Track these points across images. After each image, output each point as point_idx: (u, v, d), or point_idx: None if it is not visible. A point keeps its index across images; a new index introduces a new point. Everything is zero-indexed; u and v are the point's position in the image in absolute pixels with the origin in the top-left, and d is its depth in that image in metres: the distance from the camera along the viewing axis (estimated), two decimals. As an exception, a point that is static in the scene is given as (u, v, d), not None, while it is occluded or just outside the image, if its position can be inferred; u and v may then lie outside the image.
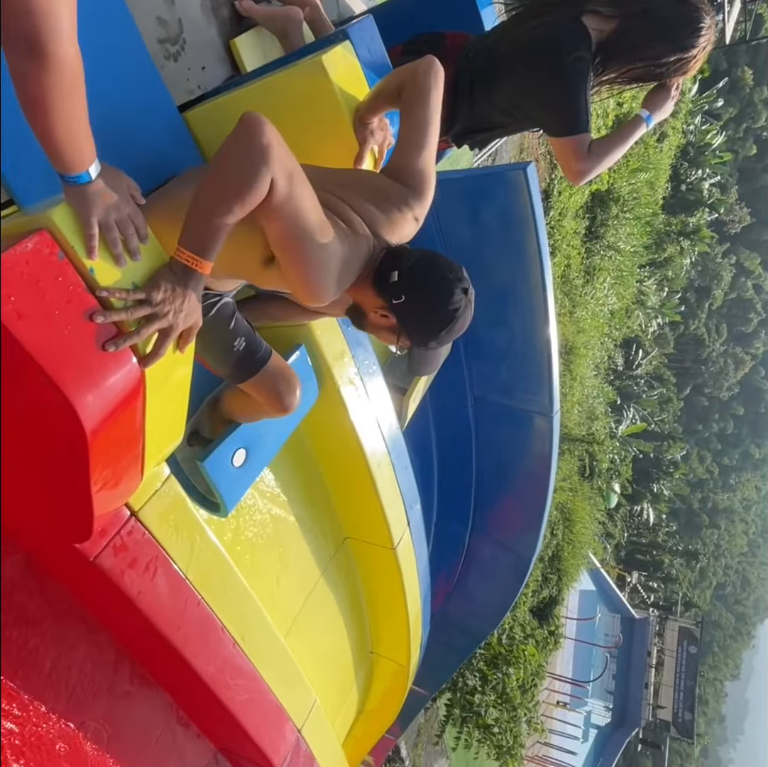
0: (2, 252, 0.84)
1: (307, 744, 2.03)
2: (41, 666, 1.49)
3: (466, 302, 1.26)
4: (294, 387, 1.58)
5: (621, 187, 13.63)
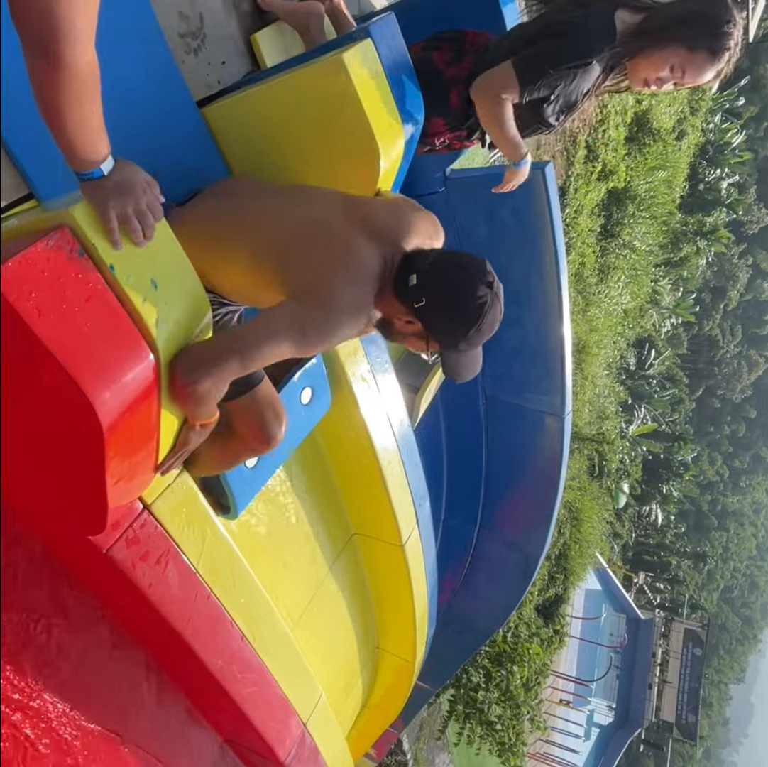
0: (25, 249, 0.85)
1: (312, 737, 2.04)
2: (53, 656, 1.51)
3: (493, 296, 1.20)
4: (281, 419, 1.47)
5: (638, 185, 13.49)
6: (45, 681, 1.51)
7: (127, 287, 0.95)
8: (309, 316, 1.15)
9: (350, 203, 1.34)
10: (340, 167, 1.58)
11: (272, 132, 1.65)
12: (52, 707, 1.53)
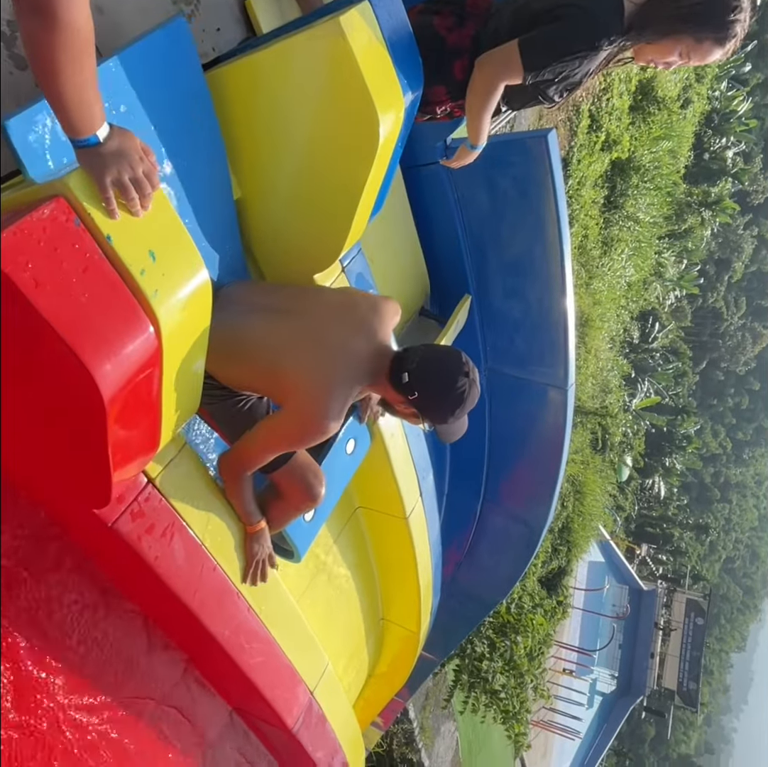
0: (20, 219, 0.84)
1: (319, 705, 2.07)
2: (62, 630, 1.53)
3: (470, 383, 1.49)
4: (321, 479, 1.70)
5: (642, 155, 13.29)
6: (57, 656, 1.54)
7: (124, 257, 0.94)
8: (305, 424, 1.47)
9: (339, 307, 1.61)
10: (340, 136, 1.56)
11: (270, 101, 1.62)
12: (62, 682, 1.56)
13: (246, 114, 1.67)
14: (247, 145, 1.73)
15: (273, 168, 1.73)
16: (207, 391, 1.57)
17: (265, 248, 1.89)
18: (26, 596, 1.44)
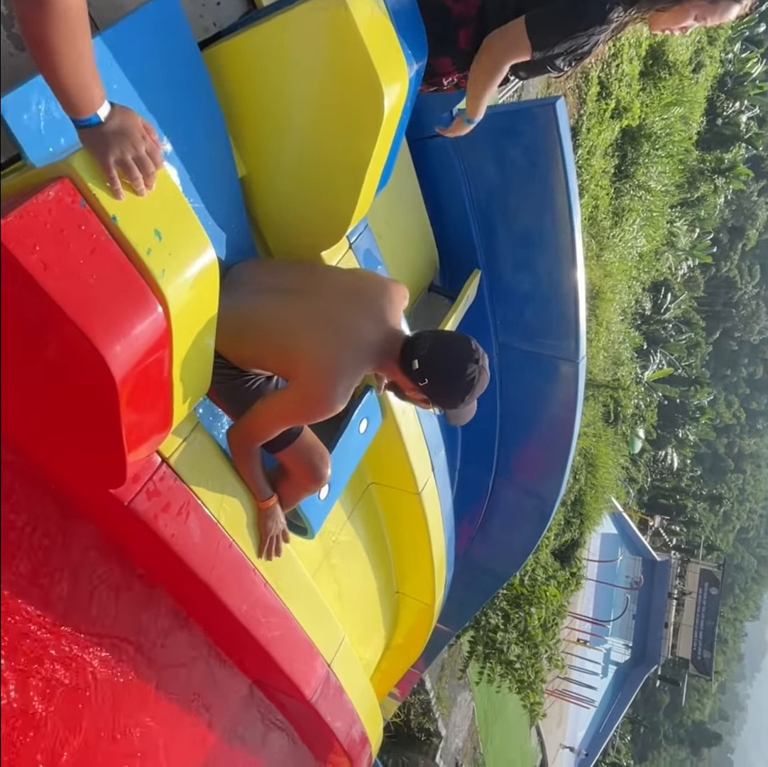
0: (26, 201, 0.84)
1: (336, 677, 2.11)
2: (80, 607, 1.56)
3: (479, 369, 1.50)
4: (327, 460, 1.71)
5: (653, 122, 13.01)
6: (81, 633, 1.57)
7: (131, 237, 0.93)
8: (310, 401, 1.48)
9: (349, 289, 1.61)
10: (344, 109, 1.54)
11: (271, 75, 1.59)
12: (84, 657, 1.59)
13: (249, 89, 1.65)
14: (251, 121, 1.71)
15: (277, 144, 1.71)
16: (216, 370, 1.58)
17: (272, 226, 1.88)
18: (44, 577, 1.47)
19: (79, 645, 1.58)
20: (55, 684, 1.52)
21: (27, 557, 1.43)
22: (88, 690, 1.61)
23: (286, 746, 2.50)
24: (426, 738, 8.77)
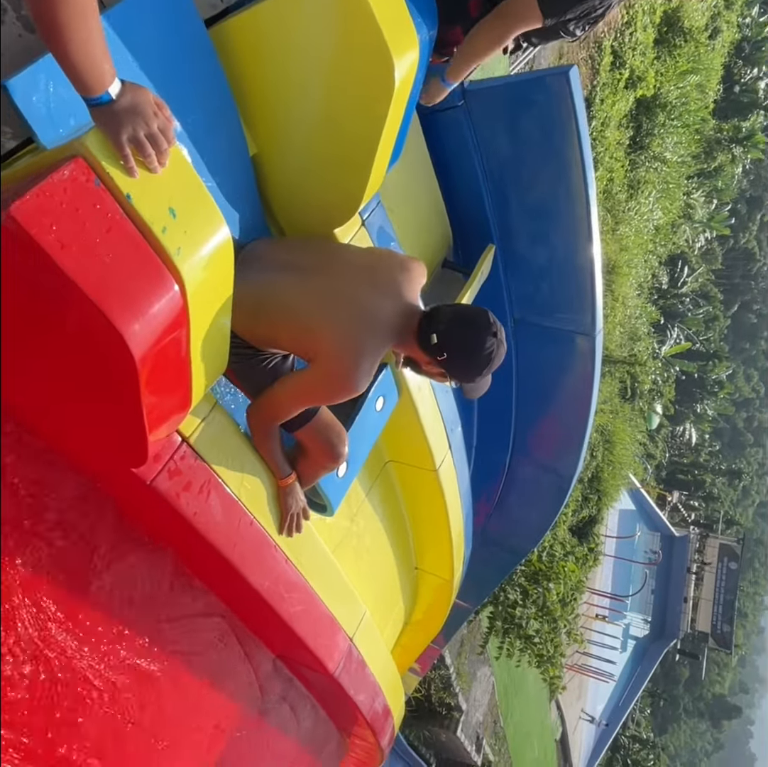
0: (41, 181, 0.84)
1: (358, 651, 2.14)
2: (107, 586, 1.59)
3: (498, 343, 1.51)
4: (344, 438, 1.71)
5: (668, 91, 12.73)
6: (106, 613, 1.60)
7: (145, 216, 0.94)
8: (334, 382, 1.49)
9: (366, 267, 1.61)
10: (354, 82, 1.52)
11: (280, 50, 1.57)
12: (109, 636, 1.63)
13: (257, 66, 1.63)
14: (260, 99, 1.70)
15: (287, 121, 1.70)
16: (231, 350, 1.59)
17: (284, 204, 1.87)
18: (68, 559, 1.50)
19: (106, 624, 1.61)
20: (82, 666, 1.56)
21: (50, 540, 1.45)
22: (114, 672, 1.65)
23: (310, 719, 2.55)
24: (447, 713, 8.91)
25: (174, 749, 1.84)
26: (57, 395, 1.26)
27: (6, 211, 0.81)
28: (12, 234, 0.83)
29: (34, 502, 1.39)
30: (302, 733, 2.55)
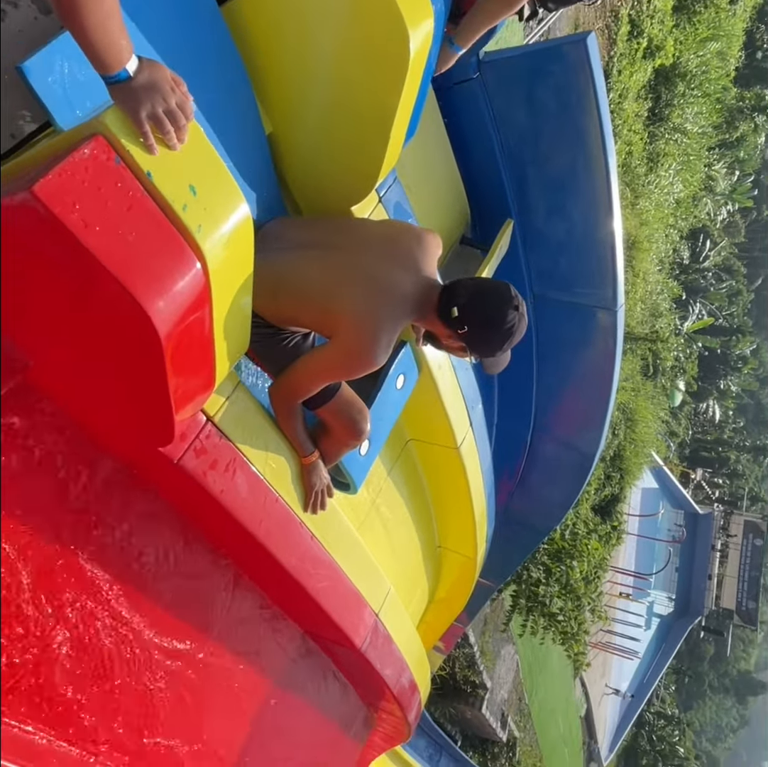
0: (62, 160, 0.85)
1: (384, 626, 2.17)
2: (142, 564, 1.62)
3: (519, 317, 1.50)
4: (366, 415, 1.72)
5: (688, 60, 12.40)
6: (137, 590, 1.63)
7: (166, 193, 0.94)
8: (353, 357, 1.49)
9: (384, 241, 1.61)
10: (369, 55, 1.50)
11: (293, 25, 1.56)
12: (140, 613, 1.66)
13: (270, 43, 1.62)
14: (274, 76, 1.69)
15: (302, 97, 1.69)
16: (253, 329, 1.60)
17: (301, 183, 1.87)
18: (95, 539, 1.52)
19: (138, 603, 1.65)
20: (118, 640, 1.59)
21: (81, 520, 1.48)
22: (148, 647, 1.69)
23: (338, 694, 2.60)
24: (472, 690, 8.99)
25: (208, 717, 1.89)
26: (85, 377, 1.28)
27: (29, 190, 0.82)
28: (36, 213, 0.84)
29: (68, 483, 1.41)
30: (330, 708, 2.59)
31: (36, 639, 1.37)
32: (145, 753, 1.69)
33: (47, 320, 1.10)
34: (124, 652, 1.62)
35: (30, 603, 1.37)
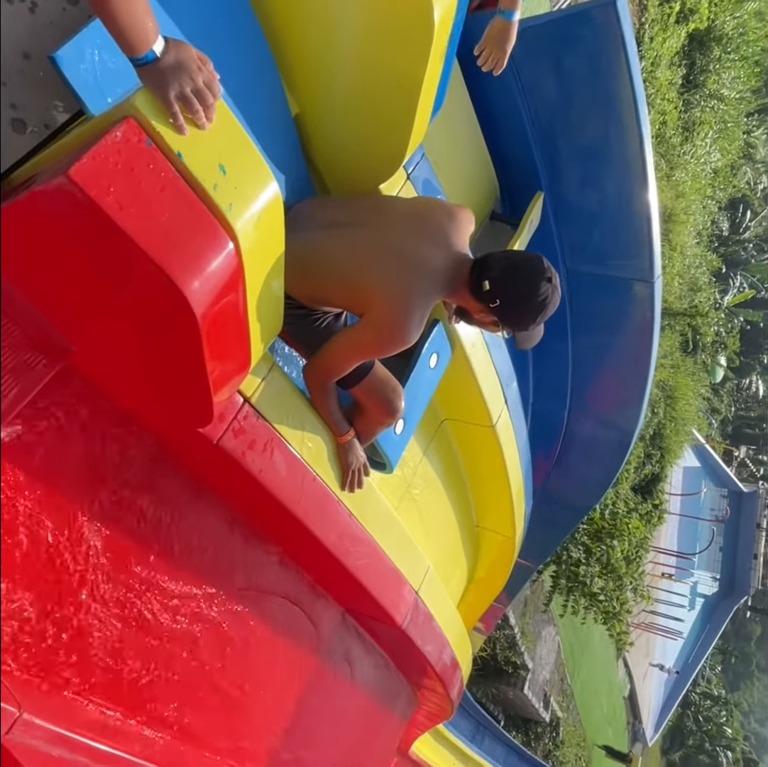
0: (95, 144, 0.86)
1: (424, 603, 2.19)
2: (186, 548, 1.66)
3: (552, 288, 1.47)
4: (400, 393, 1.71)
5: (724, 23, 11.92)
6: (184, 572, 1.67)
7: (197, 173, 0.95)
8: (385, 333, 1.48)
9: (414, 217, 1.59)
10: (393, 28, 1.48)
11: (316, 3, 1.56)
12: (181, 593, 1.70)
13: (294, 22, 1.62)
14: (299, 55, 1.68)
15: (327, 76, 1.68)
16: (286, 310, 1.61)
17: (329, 163, 1.87)
18: (137, 517, 1.56)
19: (181, 584, 1.69)
20: (152, 623, 1.63)
21: (125, 503, 1.52)
22: (192, 626, 1.73)
23: (381, 672, 2.63)
24: (513, 671, 9.02)
25: (255, 695, 1.94)
26: (127, 361, 1.31)
27: (65, 174, 0.83)
28: (73, 198, 0.86)
29: (114, 462, 1.45)
30: (373, 686, 2.63)
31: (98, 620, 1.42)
32: (197, 736, 1.75)
33: (88, 305, 1.13)
34: (180, 634, 1.67)
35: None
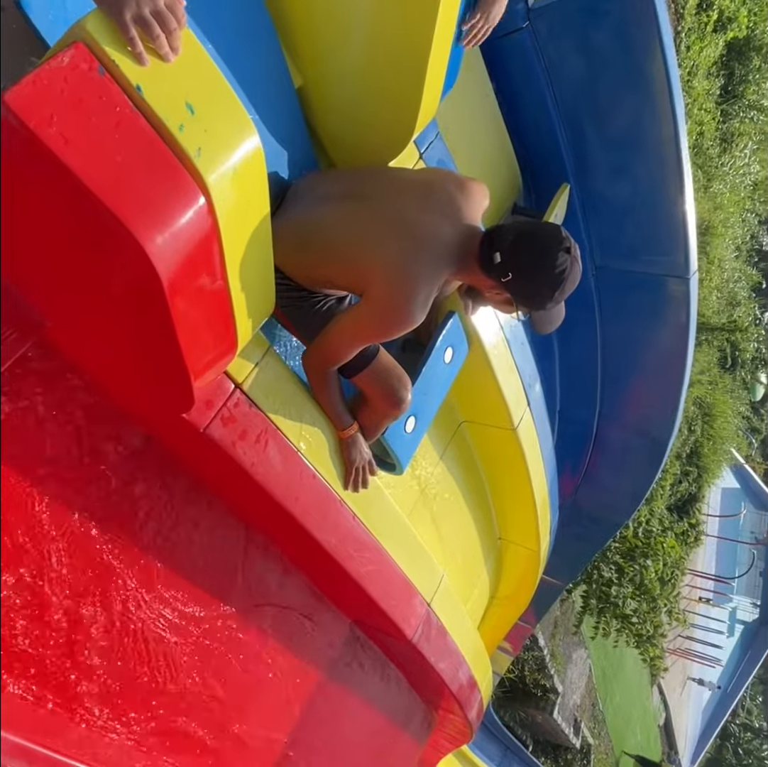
0: (38, 67, 0.76)
1: (437, 617, 2.03)
2: (181, 551, 1.54)
3: (571, 260, 1.32)
4: (406, 383, 1.58)
5: (764, 32, 11.65)
6: (178, 578, 1.56)
7: (159, 110, 0.83)
8: (388, 312, 1.36)
9: (421, 187, 1.46)
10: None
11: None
12: (178, 599, 1.59)
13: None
14: (302, 26, 1.59)
15: (332, 46, 1.58)
16: (285, 293, 1.49)
17: (335, 137, 1.76)
18: (126, 512, 1.46)
19: (177, 582, 1.58)
20: (146, 621, 1.52)
21: (117, 496, 1.42)
22: (193, 634, 1.62)
23: (393, 691, 2.47)
24: (542, 694, 8.68)
25: (259, 707, 1.81)
26: (100, 334, 1.20)
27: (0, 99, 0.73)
28: (9, 127, 0.75)
29: (94, 449, 1.35)
30: (386, 704, 2.47)
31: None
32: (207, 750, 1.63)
33: (50, 264, 1.03)
34: (171, 644, 1.55)
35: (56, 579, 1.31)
